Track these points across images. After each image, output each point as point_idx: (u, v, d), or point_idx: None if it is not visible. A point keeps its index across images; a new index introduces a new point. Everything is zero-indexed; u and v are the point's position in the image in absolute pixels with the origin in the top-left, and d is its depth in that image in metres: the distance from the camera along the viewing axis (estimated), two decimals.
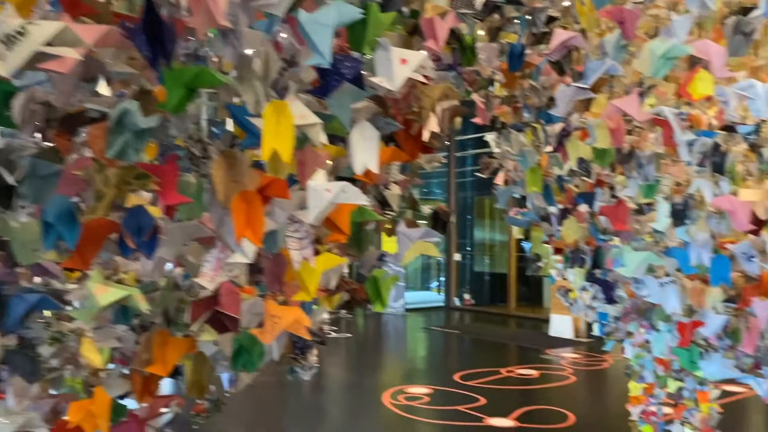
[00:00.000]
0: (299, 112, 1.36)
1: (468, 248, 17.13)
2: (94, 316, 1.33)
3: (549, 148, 2.52)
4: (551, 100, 2.42)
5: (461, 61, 2.34)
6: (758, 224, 2.14)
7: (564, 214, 2.79)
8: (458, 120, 2.50)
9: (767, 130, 2.20)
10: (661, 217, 2.32)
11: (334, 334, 9.12)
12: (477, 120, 3.18)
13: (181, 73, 1.26)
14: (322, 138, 1.42)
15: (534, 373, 8.80)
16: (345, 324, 13.15)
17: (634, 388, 5.37)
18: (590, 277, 2.98)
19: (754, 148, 2.10)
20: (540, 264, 3.32)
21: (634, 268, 2.35)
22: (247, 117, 1.43)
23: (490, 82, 3.10)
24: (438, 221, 2.15)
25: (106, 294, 1.32)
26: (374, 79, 1.43)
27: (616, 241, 2.85)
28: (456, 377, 8.37)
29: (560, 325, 11.95)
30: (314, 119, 1.37)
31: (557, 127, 2.49)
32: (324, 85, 1.48)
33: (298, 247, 1.52)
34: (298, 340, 2.04)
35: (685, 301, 2.64)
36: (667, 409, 5.39)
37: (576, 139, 2.49)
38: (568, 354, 10.26)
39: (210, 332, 1.73)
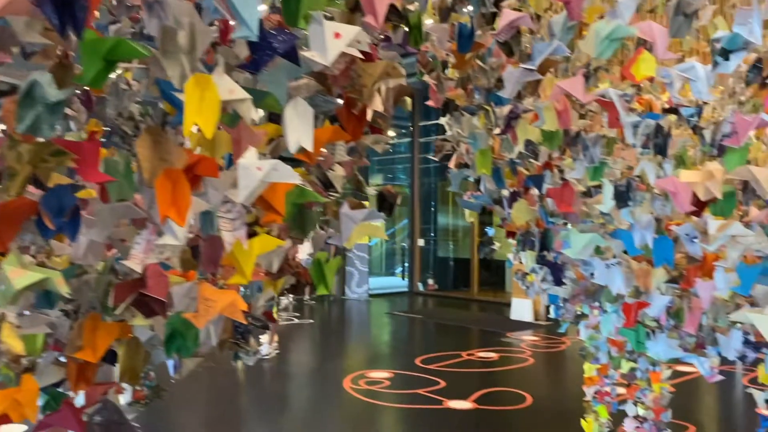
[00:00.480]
0: (227, 87, 1.31)
1: (432, 234, 17.21)
2: (10, 300, 1.27)
3: (497, 131, 2.51)
4: (500, 82, 2.40)
5: (408, 41, 2.31)
6: (700, 206, 2.16)
7: (514, 197, 2.79)
8: (408, 101, 2.47)
9: (709, 112, 2.23)
10: (606, 199, 2.33)
11: (296, 320, 9.11)
12: (430, 102, 3.16)
13: (97, 44, 1.19)
14: (253, 114, 1.37)
15: (494, 355, 8.91)
16: (308, 310, 13.11)
17: (589, 369, 5.47)
18: (540, 260, 2.99)
19: (696, 130, 2.12)
20: (493, 247, 3.33)
21: (580, 250, 2.36)
22: (176, 93, 1.38)
23: (445, 64, 3.08)
24: (384, 203, 2.12)
25: (22, 277, 1.25)
26: (306, 54, 1.39)
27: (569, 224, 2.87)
28: (417, 361, 8.42)
29: (520, 309, 12.12)
30: (243, 95, 1.32)
31: (505, 109, 2.47)
32: (255, 59, 1.43)
33: (230, 228, 1.48)
34: (240, 325, 1.99)
35: (631, 283, 2.68)
36: (621, 390, 5.51)
37: (525, 122, 2.48)
38: (527, 337, 10.41)
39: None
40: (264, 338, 8.05)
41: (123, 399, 1.94)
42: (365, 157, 2.22)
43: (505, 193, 2.92)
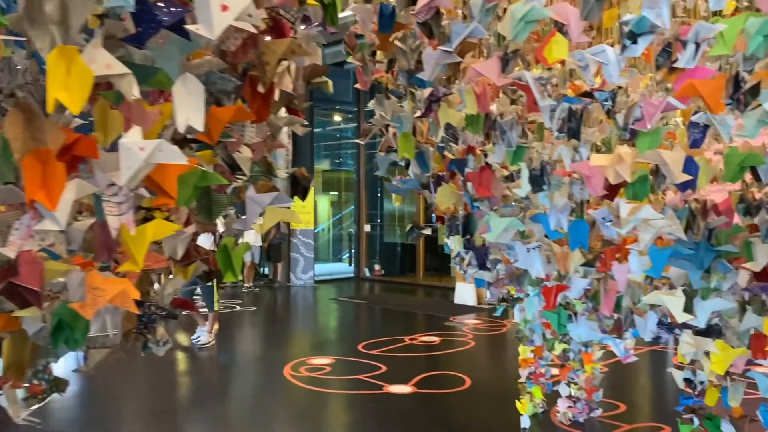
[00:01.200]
0: (104, 60, 1.22)
1: (378, 219, 17.21)
2: None
3: (418, 114, 2.48)
4: (420, 64, 2.36)
5: (325, 19, 2.24)
6: (615, 189, 2.18)
7: (438, 181, 2.77)
8: (330, 83, 2.41)
9: (622, 96, 2.24)
10: (524, 184, 2.33)
11: (238, 308, 8.93)
12: (358, 85, 3.10)
13: None
14: (135, 91, 1.29)
15: (436, 339, 8.98)
16: (251, 297, 12.94)
17: (524, 351, 5.56)
18: (467, 244, 2.99)
19: (610, 114, 2.13)
20: (422, 232, 3.31)
21: (498, 234, 2.36)
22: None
23: (372, 45, 3.02)
24: (297, 186, 2.06)
25: None
26: (190, 27, 1.31)
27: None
28: (360, 347, 8.41)
29: (464, 293, 12.26)
30: (122, 69, 1.24)
31: (426, 92, 2.44)
32: (140, 32, 1.34)
33: (116, 212, 1.39)
34: (144, 314, 1.90)
35: (553, 267, 2.70)
36: (555, 371, 5.63)
37: (446, 106, 2.45)
38: (470, 320, 10.54)
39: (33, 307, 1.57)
40: (203, 327, 7.87)
41: (20, 394, 1.83)
42: (278, 139, 2.15)
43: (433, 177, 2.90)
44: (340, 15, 2.08)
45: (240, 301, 12.31)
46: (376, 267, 16.42)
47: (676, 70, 1.93)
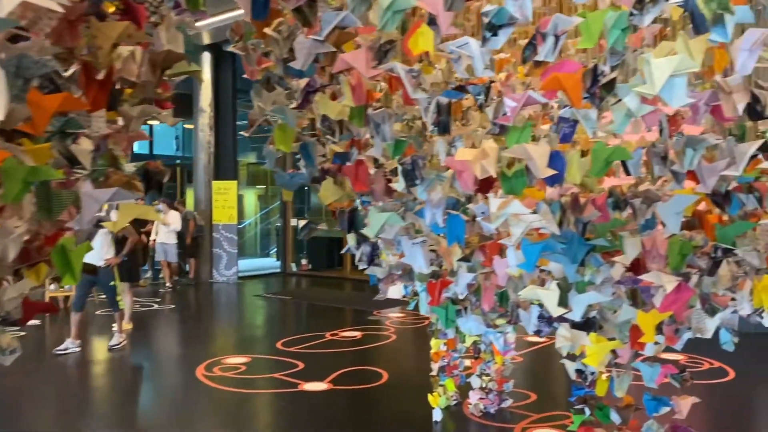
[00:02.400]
0: None
1: (305, 214, 17.03)
2: None
3: (294, 105, 2.38)
4: (293, 53, 2.27)
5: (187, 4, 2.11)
6: (487, 184, 2.15)
7: (323, 175, 2.68)
8: (200, 73, 2.27)
9: (495, 90, 2.22)
10: (400, 179, 2.28)
11: (155, 306, 8.57)
12: (246, 75, 2.97)
13: None
14: None
15: (358, 334, 8.94)
16: (170, 296, 12.54)
17: (436, 344, 5.57)
18: (361, 239, 2.92)
19: (482, 108, 2.10)
20: (315, 227, 3.22)
21: (377, 229, 2.30)
22: None
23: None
24: (151, 181, 1.93)
25: None
26: None
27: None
28: (279, 344, 8.26)
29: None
30: None
31: (302, 82, 2.34)
32: None
33: None
34: None
35: (440, 261, 2.67)
36: (468, 362, 5.68)
37: (326, 97, 2.36)
38: (394, 314, 10.56)
39: None
40: (114, 328, 7.44)
41: None
42: (135, 130, 2.01)
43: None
44: None
45: (158, 300, 11.90)
46: (303, 262, 16.25)
47: (542, 64, 1.91)
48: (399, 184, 2.30)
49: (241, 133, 3.02)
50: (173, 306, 11.48)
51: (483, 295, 2.47)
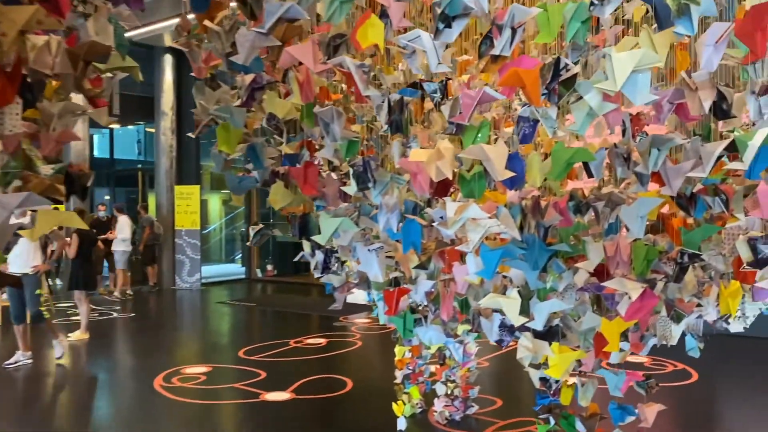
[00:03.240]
0: None
1: (271, 219, 16.75)
2: None
3: (238, 102, 2.23)
4: (235, 46, 2.11)
5: None
6: (444, 187, 2.03)
7: (273, 178, 2.53)
8: (135, 70, 2.11)
9: (455, 87, 2.10)
10: (352, 182, 2.14)
11: (115, 315, 8.23)
12: (194, 73, 2.80)
13: None
14: None
15: (323, 341, 8.77)
16: (131, 304, 12.17)
17: (400, 351, 5.44)
18: (317, 245, 2.77)
19: (438, 107, 1.98)
20: (269, 233, 3.06)
21: (329, 236, 2.15)
22: None
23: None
24: (74, 184, 1.75)
25: None
26: None
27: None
28: (241, 353, 8.05)
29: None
30: None
31: (248, 78, 2.19)
32: None
33: None
34: None
35: (400, 269, 2.54)
36: (433, 368, 5.56)
37: (273, 94, 2.21)
38: (360, 320, 10.40)
39: None
40: (57, 339, 7.09)
41: None
42: (64, 128, 1.84)
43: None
44: None
45: (118, 308, 11.55)
46: (269, 267, 15.99)
47: (499, 59, 1.80)
48: (351, 188, 2.16)
49: (189, 134, 2.84)
50: (133, 314, 11.14)
51: (442, 303, 2.35)
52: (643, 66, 1.61)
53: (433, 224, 2.17)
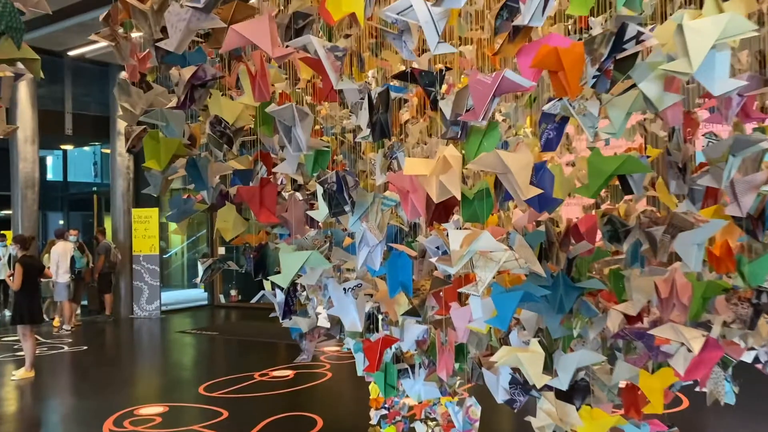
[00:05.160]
0: None
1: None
2: None
3: (173, 103, 1.72)
4: (165, 31, 1.61)
5: None
6: (444, 208, 1.54)
7: (221, 200, 2.01)
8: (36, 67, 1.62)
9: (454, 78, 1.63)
10: (321, 204, 1.64)
11: (65, 348, 7.44)
12: (124, 74, 2.28)
13: None
14: None
15: (290, 374, 8.18)
16: (83, 336, 11.34)
17: (374, 390, 4.94)
18: (273, 284, 2.25)
19: (436, 103, 1.51)
20: (221, 266, 2.54)
21: (290, 275, 1.64)
22: None
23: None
24: None
25: None
26: None
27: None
28: (201, 389, 7.41)
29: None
30: None
31: (187, 71, 1.68)
32: None
33: None
34: None
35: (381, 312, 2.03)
36: (411, 402, 5.04)
37: (218, 94, 1.70)
38: (329, 347, 9.81)
39: None
40: None
41: None
42: None
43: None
44: None
45: (69, 341, 10.73)
46: (233, 293, 15.28)
47: (520, 35, 1.34)
48: (320, 212, 1.66)
49: (121, 150, 2.30)
50: (86, 347, 10.35)
51: (439, 357, 1.86)
52: (727, 39, 1.16)
53: (427, 257, 1.69)
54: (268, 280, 2.06)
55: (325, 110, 2.89)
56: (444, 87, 2.75)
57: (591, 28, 1.75)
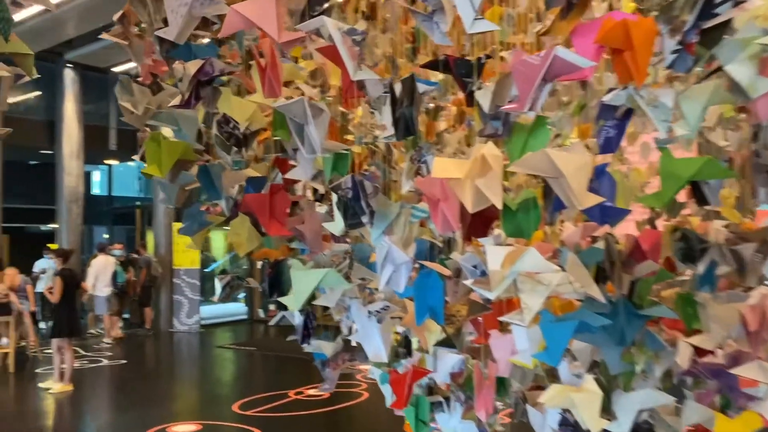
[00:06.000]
0: None
1: None
2: None
3: (176, 101, 1.54)
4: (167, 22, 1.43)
5: None
6: (484, 220, 1.31)
7: (235, 211, 1.82)
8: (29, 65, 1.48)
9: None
10: (337, 215, 1.42)
11: (105, 362, 7.35)
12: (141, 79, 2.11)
13: None
14: None
15: (325, 392, 7.95)
16: (122, 349, 11.37)
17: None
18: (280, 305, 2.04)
19: (472, 96, 1.28)
20: (241, 283, 2.35)
21: (304, 297, 1.43)
22: None
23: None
24: None
25: None
26: None
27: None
28: (236, 407, 7.26)
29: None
30: None
31: (192, 66, 1.50)
32: None
33: None
34: None
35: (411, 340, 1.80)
36: None
37: (228, 91, 1.52)
38: (366, 365, 9.56)
39: None
40: None
41: None
42: None
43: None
44: None
45: (109, 354, 10.76)
46: (272, 307, 15.19)
47: (575, 9, 1.11)
48: (335, 224, 1.44)
49: (133, 157, 2.15)
50: (125, 361, 10.35)
51: (477, 394, 1.61)
52: None
53: (464, 281, 1.45)
54: (279, 300, 1.85)
55: (358, 118, 2.68)
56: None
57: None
